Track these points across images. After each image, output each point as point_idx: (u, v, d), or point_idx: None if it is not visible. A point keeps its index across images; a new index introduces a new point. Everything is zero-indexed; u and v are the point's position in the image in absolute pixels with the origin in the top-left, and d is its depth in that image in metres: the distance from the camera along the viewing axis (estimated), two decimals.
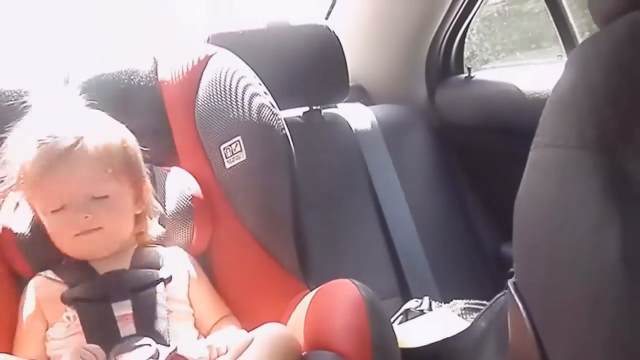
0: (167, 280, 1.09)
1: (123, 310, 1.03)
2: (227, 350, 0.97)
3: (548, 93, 0.73)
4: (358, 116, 1.84)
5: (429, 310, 1.35)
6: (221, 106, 1.22)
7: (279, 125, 1.18)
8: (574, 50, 0.73)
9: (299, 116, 1.78)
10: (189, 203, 1.19)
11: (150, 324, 1.02)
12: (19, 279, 1.13)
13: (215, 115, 1.22)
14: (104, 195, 1.04)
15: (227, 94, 1.21)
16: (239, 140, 1.19)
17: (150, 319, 1.03)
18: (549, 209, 0.68)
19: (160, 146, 1.25)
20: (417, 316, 1.34)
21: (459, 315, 1.29)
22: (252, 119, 1.18)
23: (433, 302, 1.37)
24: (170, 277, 1.09)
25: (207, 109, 1.23)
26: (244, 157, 1.19)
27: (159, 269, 1.10)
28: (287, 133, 1.18)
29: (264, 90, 1.21)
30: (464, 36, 1.89)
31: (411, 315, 1.35)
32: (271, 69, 1.35)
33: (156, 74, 1.31)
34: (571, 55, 0.73)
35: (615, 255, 0.58)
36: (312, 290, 1.08)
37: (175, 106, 1.28)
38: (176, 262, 1.14)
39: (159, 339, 1.00)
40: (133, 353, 0.97)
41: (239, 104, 1.20)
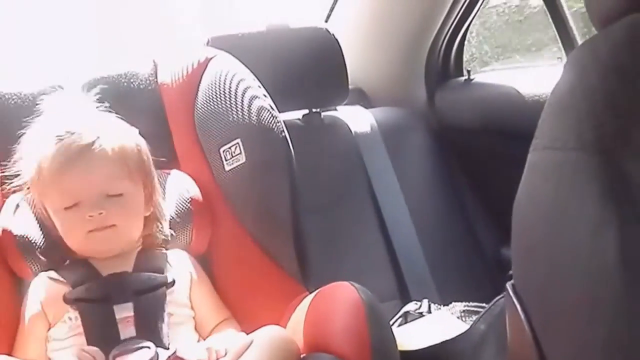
0: (170, 284, 1.09)
1: (124, 313, 1.03)
2: (226, 353, 0.97)
3: (547, 95, 0.73)
4: (358, 119, 1.84)
5: (428, 312, 1.35)
6: (221, 109, 1.22)
7: (278, 128, 1.18)
8: (572, 52, 0.73)
9: (299, 119, 1.78)
10: (188, 206, 1.19)
11: (151, 327, 1.02)
12: (19, 281, 1.13)
13: (215, 118, 1.23)
14: (118, 194, 1.05)
15: (227, 96, 1.22)
16: (238, 143, 1.19)
17: (151, 322, 1.03)
18: (547, 211, 0.68)
19: (160, 149, 1.25)
20: (417, 319, 1.34)
21: (458, 317, 1.29)
22: (252, 122, 1.19)
23: (432, 305, 1.37)
24: (173, 282, 1.09)
25: (207, 112, 1.24)
26: (244, 160, 1.19)
27: (162, 272, 1.10)
28: (287, 136, 1.18)
29: (264, 93, 1.21)
30: (463, 39, 1.89)
31: (410, 317, 1.35)
32: (271, 71, 1.35)
33: (156, 77, 1.31)
34: (570, 57, 0.73)
35: (613, 257, 0.58)
36: (312, 292, 1.08)
37: (175, 109, 1.29)
38: (179, 265, 1.14)
39: (159, 342, 1.01)
40: (132, 355, 0.97)
41: (239, 106, 1.20)
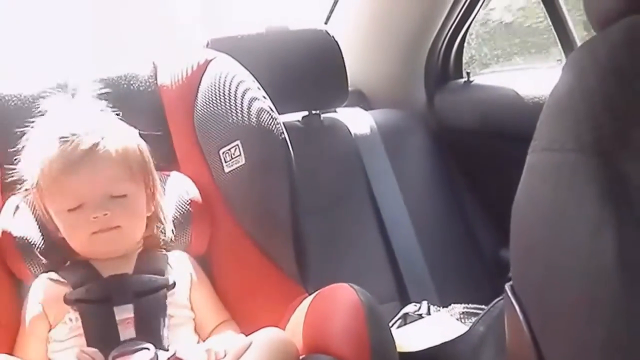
0: (171, 286, 1.09)
1: (125, 314, 1.03)
2: (226, 354, 0.97)
3: (547, 97, 0.73)
4: (357, 121, 1.84)
5: (428, 314, 1.35)
6: (220, 111, 1.22)
7: (278, 130, 1.18)
8: (571, 54, 0.73)
9: (298, 121, 1.78)
10: (188, 207, 1.19)
11: (150, 329, 1.02)
12: (19, 283, 1.13)
13: (215, 119, 1.23)
14: (122, 195, 1.05)
15: (226, 98, 1.22)
16: (238, 145, 1.19)
17: (151, 324, 1.03)
18: (546, 213, 0.68)
19: (159, 151, 1.25)
20: (416, 320, 1.34)
21: (457, 319, 1.29)
22: (251, 124, 1.19)
23: (431, 307, 1.37)
24: (174, 284, 1.09)
25: (206, 114, 1.24)
26: (243, 162, 1.19)
27: (162, 274, 1.10)
28: (286, 137, 1.18)
29: (263, 95, 1.21)
30: (463, 40, 1.89)
31: (410, 319, 1.35)
32: (270, 73, 1.35)
33: (156, 78, 1.31)
34: (568, 59, 0.73)
35: (612, 258, 0.58)
36: (311, 294, 1.08)
37: (175, 111, 1.29)
38: (179, 267, 1.14)
39: (159, 344, 1.01)
40: (132, 356, 0.97)
41: (238, 108, 1.20)
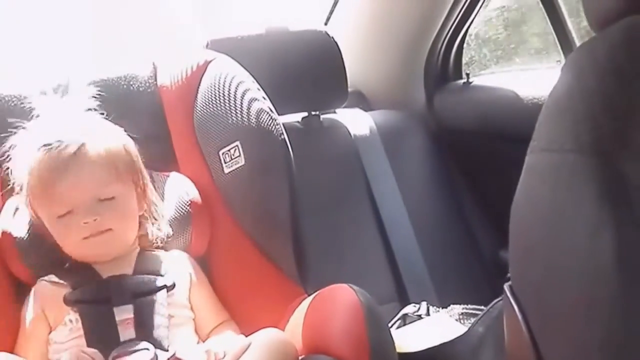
0: (170, 287, 1.09)
1: (124, 315, 1.03)
2: (225, 355, 0.97)
3: (546, 98, 0.73)
4: (357, 122, 1.84)
5: (427, 315, 1.35)
6: (220, 111, 1.22)
7: (277, 131, 1.18)
8: (570, 55, 0.74)
9: (298, 121, 1.78)
10: (187, 208, 1.19)
11: (150, 330, 1.02)
12: (18, 283, 1.13)
13: (214, 120, 1.23)
14: (110, 197, 1.05)
15: (226, 99, 1.22)
16: (237, 145, 1.20)
17: (151, 324, 1.03)
18: (544, 213, 0.68)
19: (159, 151, 1.25)
20: (415, 321, 1.34)
21: (456, 320, 1.29)
22: (251, 124, 1.19)
23: (431, 307, 1.37)
24: (174, 285, 1.09)
25: (206, 114, 1.24)
26: (243, 162, 1.19)
27: (162, 274, 1.10)
28: (286, 138, 1.18)
29: (263, 96, 1.21)
30: (462, 41, 1.89)
31: (409, 320, 1.35)
32: (270, 74, 1.35)
33: (155, 79, 1.31)
34: (567, 60, 0.73)
35: (610, 258, 0.58)
36: (310, 294, 1.08)
37: (175, 111, 1.29)
38: (179, 267, 1.14)
39: (158, 344, 1.01)
40: (132, 357, 0.97)
41: (238, 109, 1.20)
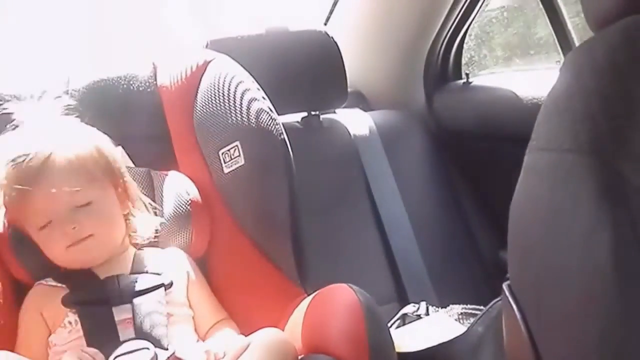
0: (168, 285, 1.09)
1: (123, 315, 1.03)
2: (224, 355, 0.97)
3: (545, 98, 0.74)
4: (356, 122, 1.84)
5: (426, 315, 1.35)
6: (220, 111, 1.22)
7: (277, 130, 1.18)
8: (568, 55, 0.74)
9: (298, 121, 1.78)
10: (187, 207, 1.19)
11: (149, 329, 1.02)
12: (18, 284, 1.12)
13: (214, 120, 1.23)
14: (86, 203, 1.03)
15: (226, 99, 1.22)
16: (237, 145, 1.19)
17: (150, 323, 1.03)
18: (543, 212, 0.68)
19: (159, 151, 1.25)
20: (414, 321, 1.34)
21: (456, 320, 1.29)
22: (251, 124, 1.19)
23: (430, 307, 1.37)
24: (171, 283, 1.09)
25: (206, 114, 1.24)
26: (242, 162, 1.19)
27: (159, 273, 1.10)
28: (286, 138, 1.18)
29: (263, 96, 1.21)
30: (462, 42, 1.89)
31: (408, 320, 1.35)
32: (270, 74, 1.35)
33: (155, 79, 1.31)
34: (566, 59, 0.73)
35: (607, 258, 0.58)
36: (310, 294, 1.08)
37: (174, 111, 1.29)
38: (176, 265, 1.14)
39: (158, 343, 1.01)
40: (132, 356, 0.97)
41: (238, 109, 1.20)
